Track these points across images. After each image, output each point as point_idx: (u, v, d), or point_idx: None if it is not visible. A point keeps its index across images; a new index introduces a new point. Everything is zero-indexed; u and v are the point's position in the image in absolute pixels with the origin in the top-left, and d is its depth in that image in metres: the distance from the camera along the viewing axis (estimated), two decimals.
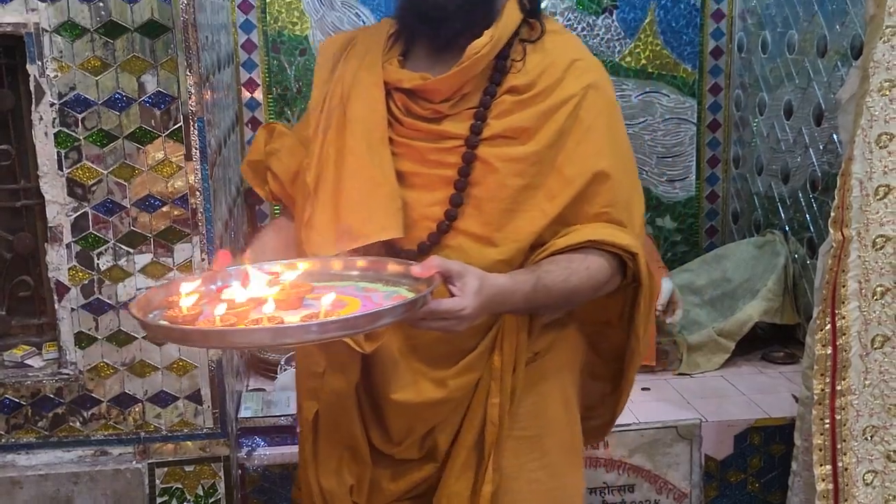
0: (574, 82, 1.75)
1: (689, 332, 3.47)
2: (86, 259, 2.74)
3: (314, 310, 1.47)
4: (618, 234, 1.73)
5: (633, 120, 3.88)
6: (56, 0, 2.60)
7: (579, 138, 1.74)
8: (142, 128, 2.69)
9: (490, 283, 1.58)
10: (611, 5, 3.80)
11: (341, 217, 1.77)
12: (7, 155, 2.79)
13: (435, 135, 1.79)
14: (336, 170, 1.80)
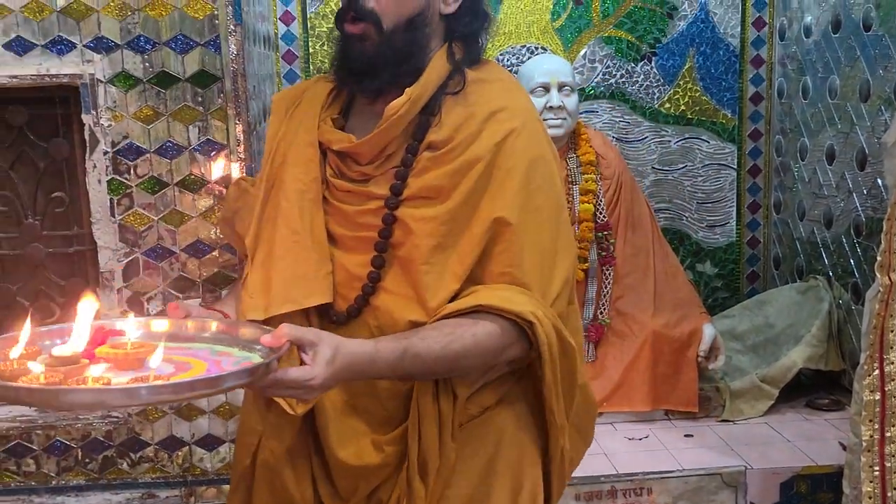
0: (491, 136, 1.65)
1: (732, 378, 3.44)
2: (136, 304, 2.79)
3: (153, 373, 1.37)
4: (514, 299, 1.61)
5: (672, 166, 3.89)
6: (110, 52, 2.68)
7: (493, 193, 1.65)
8: (191, 175, 2.76)
9: (346, 352, 1.48)
10: (650, 52, 3.82)
11: (272, 281, 1.72)
12: (61, 202, 2.86)
13: (361, 196, 1.73)
14: (270, 232, 1.75)
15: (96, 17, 2.67)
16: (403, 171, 1.68)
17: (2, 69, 2.66)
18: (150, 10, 2.67)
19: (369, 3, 1.65)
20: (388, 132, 1.68)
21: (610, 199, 3.45)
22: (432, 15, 1.70)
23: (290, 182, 1.75)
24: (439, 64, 1.70)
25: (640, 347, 3.34)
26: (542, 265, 1.67)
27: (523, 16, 3.76)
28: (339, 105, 1.81)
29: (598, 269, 3.42)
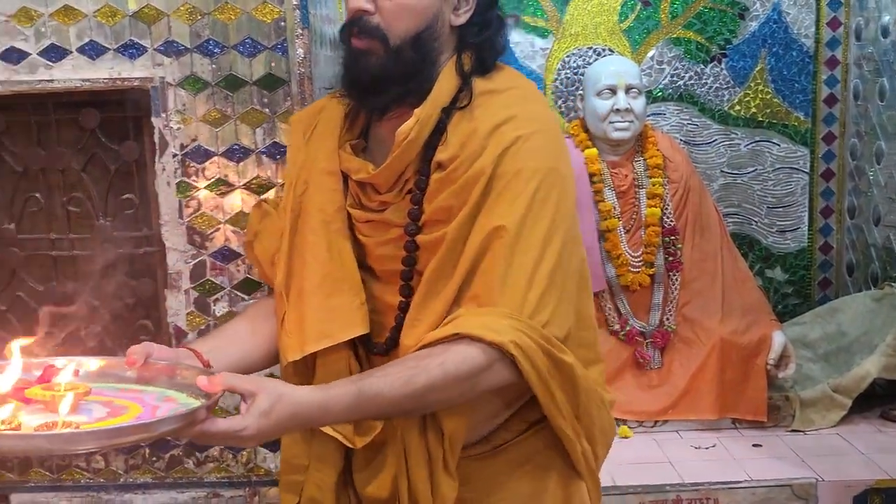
0: (492, 150, 1.57)
1: (802, 387, 3.36)
2: (203, 305, 2.83)
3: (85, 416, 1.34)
4: (495, 326, 1.50)
5: (741, 169, 3.83)
6: (180, 55, 2.72)
7: (491, 204, 1.57)
8: (258, 178, 2.78)
9: (290, 402, 1.40)
10: (720, 54, 3.76)
11: (306, 317, 1.68)
12: (131, 204, 2.90)
13: (381, 225, 1.69)
14: (300, 267, 1.72)
15: (167, 21, 2.71)
16: (418, 195, 1.63)
17: (75, 72, 2.72)
18: (219, 14, 2.70)
19: (374, 20, 1.58)
20: (402, 158, 1.63)
21: (677, 203, 3.41)
22: (441, 27, 1.63)
23: (314, 213, 1.71)
24: (448, 79, 1.64)
25: (708, 354, 3.29)
26: (532, 283, 1.55)
27: (590, 17, 3.73)
28: (357, 127, 1.75)
29: (665, 275, 3.39)
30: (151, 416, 1.37)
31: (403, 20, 1.59)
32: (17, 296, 2.98)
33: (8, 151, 2.90)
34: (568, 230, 1.62)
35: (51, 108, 2.84)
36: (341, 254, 1.69)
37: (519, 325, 1.52)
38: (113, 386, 1.52)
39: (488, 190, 1.57)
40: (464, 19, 1.65)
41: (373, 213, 1.69)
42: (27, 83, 2.72)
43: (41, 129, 2.87)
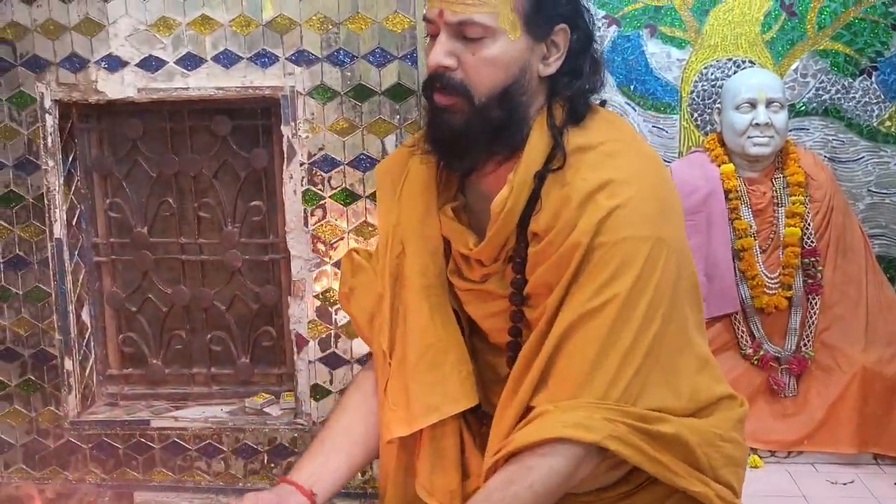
0: (588, 220, 1.48)
1: None
2: (324, 314, 2.84)
3: None
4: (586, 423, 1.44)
5: (890, 189, 3.65)
6: (311, 64, 2.75)
7: (584, 281, 1.49)
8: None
9: None
10: (870, 66, 3.60)
11: (410, 390, 1.62)
12: (259, 211, 2.95)
13: (482, 295, 1.64)
14: (402, 333, 1.66)
15: (299, 31, 2.74)
16: (520, 265, 1.57)
17: (210, 80, 2.77)
18: (350, 23, 2.72)
19: (457, 76, 1.50)
20: (502, 231, 1.56)
21: (819, 223, 3.29)
22: (530, 80, 1.55)
23: (413, 277, 1.66)
24: (539, 138, 1.55)
25: (848, 384, 3.16)
26: (625, 364, 1.48)
27: (730, 28, 3.62)
28: (453, 184, 1.68)
29: (804, 298, 3.27)
30: None
31: (488, 75, 1.51)
32: (146, 297, 3.06)
33: (144, 157, 2.98)
34: (671, 298, 1.52)
35: (185, 115, 2.91)
36: (444, 322, 1.64)
37: (610, 415, 1.46)
38: None
39: (584, 264, 1.49)
40: (554, 68, 1.56)
41: (474, 283, 1.65)
42: (164, 91, 2.78)
43: (175, 135, 2.94)
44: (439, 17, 1.50)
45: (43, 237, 2.89)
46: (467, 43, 1.49)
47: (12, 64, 2.82)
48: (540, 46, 1.54)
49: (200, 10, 2.75)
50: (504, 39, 1.49)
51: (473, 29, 1.48)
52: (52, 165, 2.85)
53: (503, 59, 1.50)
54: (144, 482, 2.95)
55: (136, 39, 2.78)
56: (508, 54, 1.50)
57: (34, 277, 2.91)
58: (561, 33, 1.54)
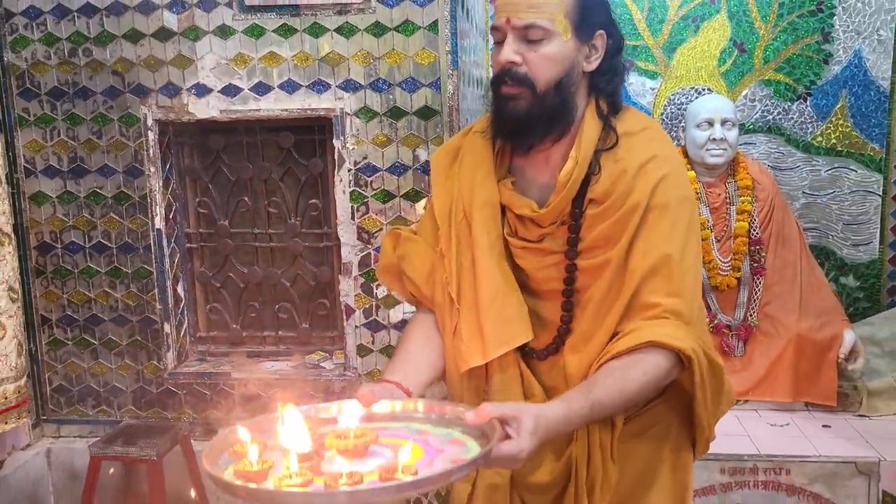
0: (643, 186, 1.49)
1: (870, 378, 3.10)
2: (367, 289, 2.82)
3: (383, 460, 1.20)
4: (676, 335, 1.44)
5: (821, 191, 3.55)
6: (356, 91, 2.71)
7: (646, 234, 1.49)
8: (414, 189, 2.74)
9: (546, 419, 1.32)
10: (805, 93, 3.50)
11: (483, 327, 1.57)
12: (316, 207, 2.93)
13: (538, 252, 1.58)
14: (472, 283, 1.60)
15: (347, 64, 2.70)
16: (576, 226, 1.53)
17: (276, 104, 2.75)
18: (388, 58, 2.68)
19: (522, 70, 1.47)
20: (566, 198, 1.52)
21: (763, 218, 3.21)
22: (577, 74, 1.52)
23: (481, 236, 1.60)
24: (591, 123, 1.53)
25: (785, 346, 3.08)
26: (693, 296, 1.50)
27: (693, 62, 3.54)
28: (505, 164, 1.62)
29: (750, 278, 3.18)
30: (434, 452, 1.24)
31: (548, 69, 1.49)
32: (228, 276, 3.06)
33: (225, 164, 2.97)
34: (699, 246, 1.56)
35: (257, 131, 2.89)
36: (506, 273, 1.60)
37: (691, 333, 1.46)
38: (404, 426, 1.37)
39: (644, 219, 1.49)
40: (594, 66, 1.54)
41: (530, 242, 1.59)
42: (240, 112, 2.77)
43: (250, 147, 2.92)
44: (506, 24, 1.49)
45: (146, 228, 2.88)
46: (530, 44, 1.48)
47: (122, 91, 2.81)
48: (584, 48, 1.53)
49: (269, 48, 2.72)
50: (559, 41, 1.49)
51: (535, 32, 1.47)
52: (154, 171, 2.84)
53: (558, 57, 1.49)
54: (226, 421, 2.95)
55: (218, 71, 2.76)
56: (562, 53, 1.49)
57: (140, 260, 2.91)
58: (600, 38, 1.54)
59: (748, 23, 3.49)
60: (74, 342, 2.97)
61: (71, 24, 2.78)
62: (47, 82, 2.82)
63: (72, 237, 2.91)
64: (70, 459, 2.93)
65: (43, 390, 3.00)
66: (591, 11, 1.51)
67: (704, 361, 1.46)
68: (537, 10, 1.47)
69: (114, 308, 2.94)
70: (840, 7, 3.44)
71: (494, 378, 1.62)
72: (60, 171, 2.88)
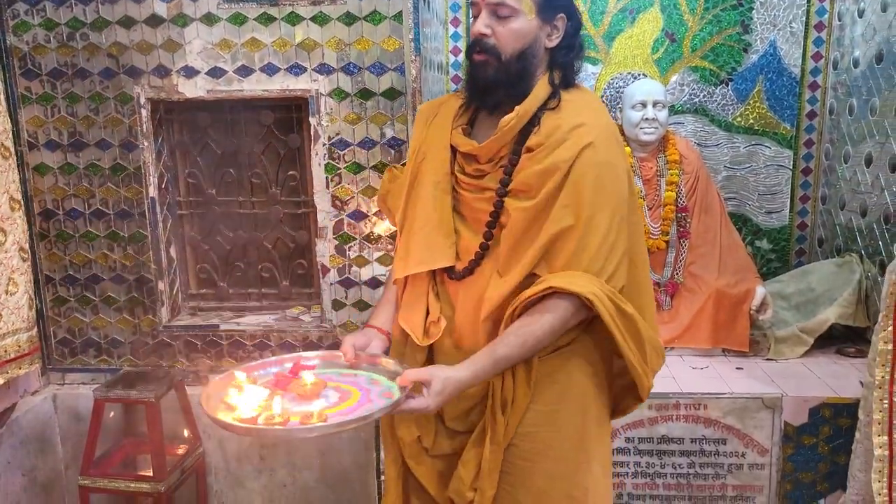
0: (572, 145, 1.54)
1: (777, 327, 3.22)
2: (341, 250, 2.85)
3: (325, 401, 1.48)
4: (576, 282, 1.50)
5: (740, 165, 3.67)
6: (329, 74, 2.73)
7: (567, 190, 1.55)
8: (381, 161, 2.77)
9: (452, 381, 1.48)
10: (727, 78, 3.60)
11: (410, 248, 1.68)
12: (294, 178, 2.95)
13: (478, 188, 1.64)
14: (412, 213, 1.69)
15: (321, 50, 2.72)
16: (510, 169, 1.61)
17: (258, 85, 2.75)
18: (357, 45, 2.71)
19: (491, 41, 1.58)
20: (501, 139, 1.61)
21: (689, 189, 3.28)
22: (538, 48, 1.61)
23: (427, 175, 1.70)
24: (542, 87, 1.61)
25: (706, 300, 3.17)
26: (599, 252, 1.55)
27: (629, 50, 3.62)
28: (467, 117, 1.72)
29: (677, 241, 3.27)
30: (367, 400, 1.49)
31: (512, 41, 1.58)
32: (215, 239, 3.06)
33: (212, 139, 2.96)
34: (621, 207, 1.59)
35: (241, 109, 2.88)
36: (442, 206, 1.68)
37: (593, 280, 1.54)
38: (336, 371, 1.62)
39: (564, 180, 1.55)
40: (554, 43, 1.63)
41: (472, 178, 1.67)
42: (225, 92, 2.77)
43: (234, 124, 2.92)
44: (482, 0, 1.58)
45: (141, 196, 2.88)
46: (499, 19, 1.57)
47: (116, 72, 2.80)
48: (546, 27, 1.61)
49: (251, 34, 2.73)
50: (523, 18, 1.57)
51: (504, 9, 1.56)
52: (147, 145, 2.84)
53: (522, 31, 1.58)
54: (216, 368, 2.97)
55: (205, 55, 2.76)
56: (525, 28, 1.58)
57: (135, 225, 2.90)
58: (561, 20, 1.62)
59: (678, 15, 3.57)
60: (76, 299, 2.97)
61: (69, 10, 2.77)
62: (48, 64, 2.81)
63: (73, 204, 2.91)
64: (74, 404, 2.96)
65: (49, 342, 3.01)
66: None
67: (610, 305, 1.53)
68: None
69: (112, 268, 2.94)
70: (758, 2, 3.52)
71: (407, 291, 1.73)
72: (61, 144, 2.87)
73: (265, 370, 1.61)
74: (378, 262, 2.83)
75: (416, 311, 1.71)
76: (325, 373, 1.61)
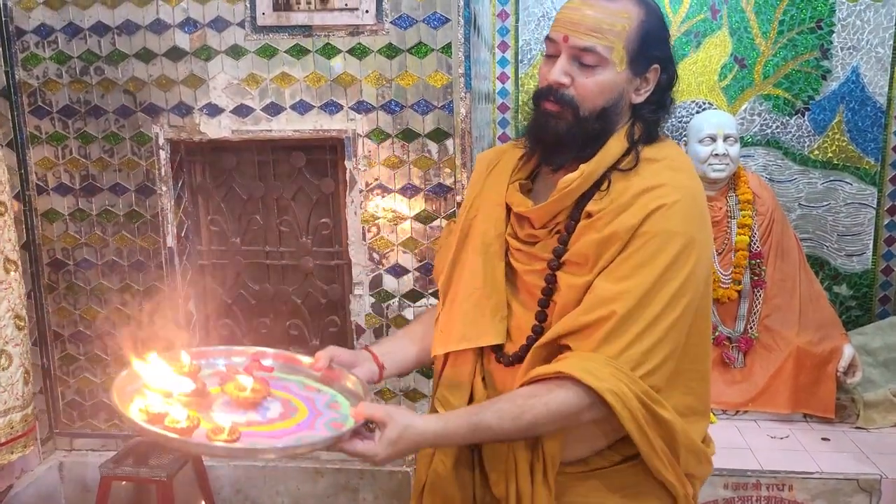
0: (638, 210, 1.30)
1: (865, 389, 2.92)
2: (378, 309, 2.62)
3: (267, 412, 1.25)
4: (598, 373, 1.26)
5: (817, 203, 3.36)
6: (368, 112, 2.49)
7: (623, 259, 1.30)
8: (425, 210, 2.53)
9: (413, 433, 1.23)
10: (803, 108, 3.29)
11: (454, 320, 1.48)
12: (327, 226, 2.72)
13: (530, 256, 1.43)
14: (459, 277, 1.50)
15: (359, 85, 2.48)
16: (565, 237, 1.37)
17: (288, 124, 2.53)
18: (400, 80, 2.45)
19: (570, 92, 1.33)
20: (560, 202, 1.37)
21: (763, 232, 3.01)
22: (623, 104, 1.36)
23: (478, 235, 1.48)
24: (617, 143, 1.36)
25: (785, 359, 2.90)
26: (642, 339, 1.28)
27: (694, 76, 3.31)
28: (527, 170, 1.49)
29: (750, 291, 2.99)
30: (311, 425, 1.25)
31: (595, 97, 1.34)
32: (239, 293, 2.85)
33: (237, 183, 2.75)
34: (695, 296, 1.30)
35: (269, 151, 2.68)
36: (494, 273, 1.46)
37: (619, 375, 1.27)
38: (300, 380, 1.39)
39: (626, 246, 1.29)
40: (642, 98, 1.36)
41: (524, 244, 1.44)
42: (252, 132, 2.55)
43: (262, 166, 2.71)
44: (564, 41, 1.33)
45: (158, 245, 2.67)
46: (582, 67, 1.33)
47: (133, 110, 2.59)
48: (636, 80, 1.36)
49: (281, 68, 2.49)
50: (612, 70, 1.33)
51: (591, 57, 1.32)
52: (165, 190, 2.62)
53: (608, 85, 1.34)
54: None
55: (230, 91, 2.53)
56: (613, 82, 1.34)
57: (152, 277, 2.70)
58: (654, 72, 1.36)
59: (749, 39, 3.27)
60: (87, 357, 2.76)
61: (83, 42, 2.54)
62: (59, 100, 2.59)
63: (84, 254, 2.70)
64: (83, 473, 2.74)
65: (56, 404, 2.79)
66: (651, 45, 1.34)
67: (637, 407, 1.27)
68: (599, 34, 1.30)
69: (126, 325, 2.72)
70: (839, 24, 3.22)
71: (447, 371, 1.51)
72: (72, 188, 2.65)
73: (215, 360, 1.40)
74: None
75: (459, 395, 1.49)
76: (285, 380, 1.38)
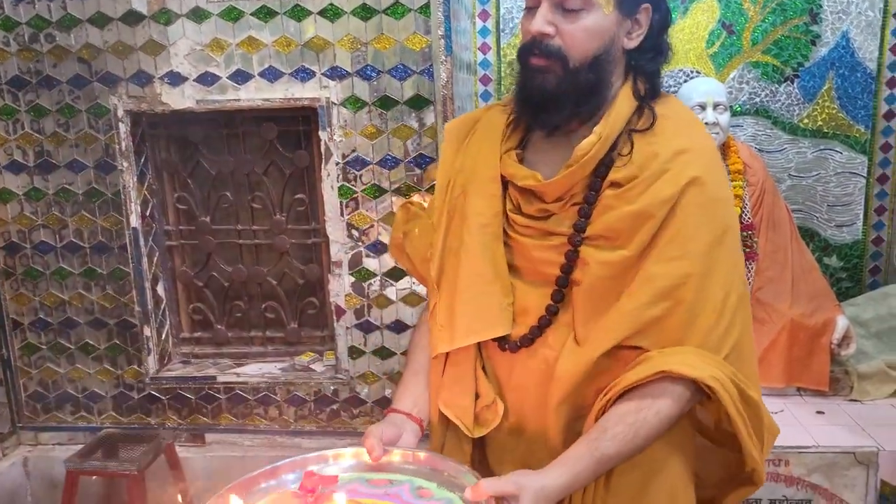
0: (674, 179, 1.22)
1: (857, 361, 2.86)
2: (358, 289, 2.49)
3: None
4: (693, 364, 1.20)
5: (807, 173, 3.27)
6: (343, 79, 2.34)
7: (669, 237, 1.22)
8: (406, 183, 2.40)
9: (546, 494, 1.15)
10: (793, 75, 3.19)
11: (456, 313, 1.36)
12: (302, 202, 2.58)
13: (541, 232, 1.32)
14: (454, 264, 1.38)
15: (332, 50, 2.33)
16: (587, 209, 1.25)
17: (257, 93, 2.38)
18: (376, 43, 2.30)
19: (555, 42, 1.21)
20: (578, 173, 1.24)
21: (754, 203, 2.91)
22: (615, 50, 1.24)
23: (472, 216, 1.34)
24: (626, 102, 1.25)
25: (779, 333, 2.81)
26: (717, 323, 1.21)
27: (681, 44, 3.19)
28: (517, 137, 1.36)
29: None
30: None
31: (583, 43, 1.21)
32: (211, 275, 2.72)
33: (204, 158, 2.61)
34: (741, 263, 1.25)
35: (238, 122, 2.53)
36: (494, 256, 1.33)
37: (708, 359, 1.20)
38: (362, 477, 1.22)
39: (668, 220, 1.20)
40: (635, 43, 1.24)
41: (533, 220, 1.31)
42: (219, 102, 2.40)
43: (230, 139, 2.57)
44: None
45: (121, 226, 2.51)
46: (566, 14, 1.21)
47: (88, 80, 2.42)
48: (626, 22, 1.24)
49: (247, 32, 2.34)
50: (598, 13, 1.21)
51: (574, 1, 1.21)
52: (127, 166, 2.46)
53: (597, 30, 1.22)
54: (213, 426, 2.63)
55: (193, 58, 2.37)
56: (601, 26, 1.22)
57: (115, 260, 2.54)
58: (644, 12, 1.24)
59: (737, 4, 3.16)
60: (49, 347, 2.61)
61: (31, 6, 2.37)
62: (7, 71, 2.42)
63: (42, 237, 2.53)
64: (49, 467, 2.60)
65: (18, 397, 2.64)
66: None
67: (734, 391, 1.20)
68: None
69: (89, 311, 2.58)
70: None
71: (449, 366, 1.40)
72: (26, 166, 2.48)
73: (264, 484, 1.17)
74: (403, 303, 2.47)
75: (463, 393, 1.38)
76: (349, 481, 1.21)
